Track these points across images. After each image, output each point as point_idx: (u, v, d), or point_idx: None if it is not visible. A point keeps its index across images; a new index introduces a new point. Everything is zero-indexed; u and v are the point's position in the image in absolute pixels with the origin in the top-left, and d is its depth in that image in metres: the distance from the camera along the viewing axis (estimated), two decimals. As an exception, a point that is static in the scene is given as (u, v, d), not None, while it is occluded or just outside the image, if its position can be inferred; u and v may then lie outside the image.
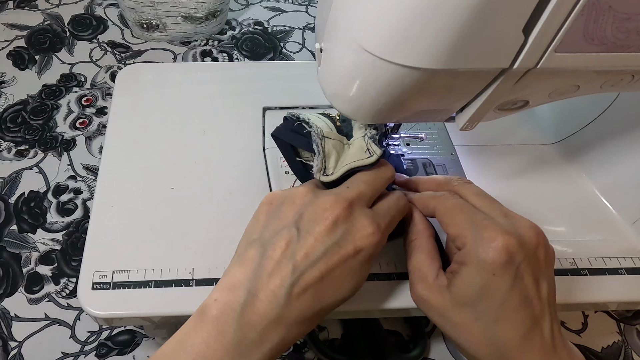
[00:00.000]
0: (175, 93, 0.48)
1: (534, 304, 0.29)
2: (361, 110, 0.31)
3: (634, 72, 0.28)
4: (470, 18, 0.22)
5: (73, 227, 0.52)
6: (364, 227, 0.29)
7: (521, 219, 0.30)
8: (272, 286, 0.27)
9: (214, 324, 0.27)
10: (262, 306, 0.27)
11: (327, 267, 0.28)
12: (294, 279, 0.28)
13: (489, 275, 0.29)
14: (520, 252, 0.29)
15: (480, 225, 0.30)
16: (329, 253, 0.28)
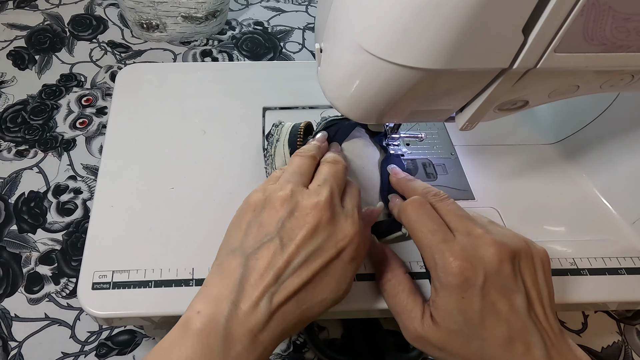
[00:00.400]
0: (175, 93, 0.48)
1: (510, 319, 0.29)
2: (360, 110, 0.31)
3: (633, 72, 0.28)
4: (470, 18, 0.22)
5: (73, 227, 0.52)
6: (344, 228, 0.29)
7: (484, 237, 0.30)
8: (254, 297, 0.27)
9: (198, 338, 0.26)
10: (245, 318, 0.27)
11: (310, 273, 0.28)
12: (275, 288, 0.27)
13: (459, 299, 0.29)
14: (478, 273, 0.29)
15: (437, 250, 0.30)
16: (310, 258, 0.28)
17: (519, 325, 0.29)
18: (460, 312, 0.29)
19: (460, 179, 0.44)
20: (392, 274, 0.34)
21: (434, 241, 0.30)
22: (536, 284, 0.30)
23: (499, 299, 0.29)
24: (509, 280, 0.29)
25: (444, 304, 0.30)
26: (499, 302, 0.29)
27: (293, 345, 0.46)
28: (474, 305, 0.29)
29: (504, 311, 0.29)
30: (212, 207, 0.40)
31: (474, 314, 0.29)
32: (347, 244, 0.29)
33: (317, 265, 0.28)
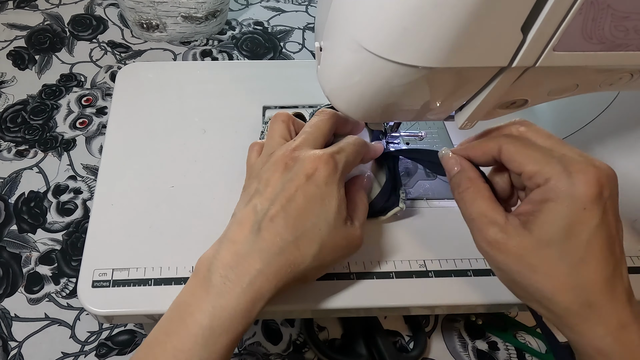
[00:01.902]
0: (175, 92, 0.48)
1: (616, 245, 0.28)
2: (360, 108, 0.31)
3: (632, 71, 0.28)
4: (469, 16, 0.22)
5: (73, 227, 0.52)
6: (310, 156, 0.31)
7: (595, 159, 0.28)
8: (243, 231, 0.30)
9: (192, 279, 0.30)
10: (236, 247, 0.29)
11: (286, 198, 0.30)
12: (260, 217, 0.30)
13: (580, 210, 0.27)
14: (608, 186, 0.27)
15: (566, 159, 0.28)
16: (285, 188, 0.30)
17: (619, 252, 0.28)
18: (570, 225, 0.27)
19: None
20: (471, 182, 0.31)
21: (558, 153, 0.28)
22: None
23: (613, 221, 0.27)
24: (617, 203, 0.28)
25: (556, 213, 0.27)
26: (613, 223, 0.27)
27: (293, 345, 0.46)
28: (593, 220, 0.27)
29: (613, 234, 0.27)
30: (211, 205, 0.40)
31: (587, 230, 0.27)
32: (314, 168, 0.31)
33: (292, 190, 0.30)
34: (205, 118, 0.46)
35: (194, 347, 0.28)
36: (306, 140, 0.33)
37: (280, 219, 0.30)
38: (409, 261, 0.38)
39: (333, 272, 0.37)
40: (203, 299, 0.28)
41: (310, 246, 0.30)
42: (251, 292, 0.28)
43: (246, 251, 0.29)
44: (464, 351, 0.47)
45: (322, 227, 0.30)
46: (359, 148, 0.35)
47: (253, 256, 0.29)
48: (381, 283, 0.37)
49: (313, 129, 0.34)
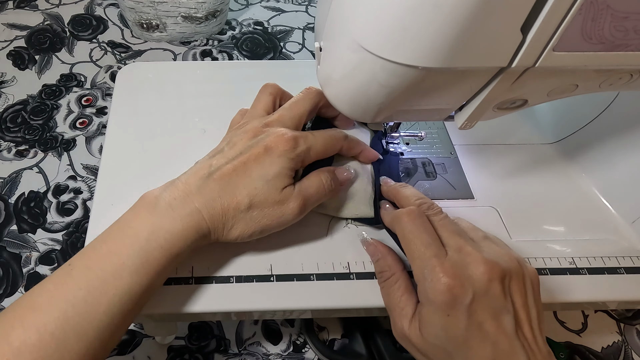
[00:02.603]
0: (175, 92, 0.48)
1: (497, 340, 0.28)
2: (360, 108, 0.31)
3: (632, 71, 0.28)
4: (469, 17, 0.22)
5: (73, 227, 0.52)
6: (275, 132, 0.34)
7: (474, 255, 0.30)
8: (195, 177, 0.33)
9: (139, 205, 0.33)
10: (185, 187, 0.33)
11: (240, 162, 0.33)
12: (212, 169, 0.33)
13: (444, 316, 0.29)
14: (466, 292, 0.28)
15: (427, 265, 0.30)
16: (243, 153, 0.33)
17: (505, 346, 0.28)
18: (443, 330, 0.29)
19: (460, 178, 0.44)
20: (390, 271, 0.34)
21: (426, 255, 0.30)
22: (525, 305, 0.30)
23: (487, 319, 0.28)
24: (497, 300, 0.29)
25: (429, 319, 0.30)
26: (486, 322, 0.28)
27: (293, 345, 0.46)
28: (460, 324, 0.28)
29: (490, 332, 0.28)
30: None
31: (459, 333, 0.29)
32: (274, 143, 0.33)
33: (247, 156, 0.33)
34: (205, 118, 0.46)
35: (128, 252, 0.30)
36: (281, 117, 0.36)
37: (228, 177, 0.33)
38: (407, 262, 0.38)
39: (333, 272, 0.37)
40: (145, 217, 0.31)
41: (241, 200, 0.32)
42: (190, 222, 0.31)
43: (192, 192, 0.32)
44: (463, 351, 0.47)
45: (257, 186, 0.33)
46: (332, 140, 0.36)
47: (197, 197, 0.32)
48: (381, 283, 0.37)
49: (292, 106, 0.37)
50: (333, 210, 0.39)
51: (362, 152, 0.39)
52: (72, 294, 0.28)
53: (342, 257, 0.37)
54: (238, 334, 0.46)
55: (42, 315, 0.27)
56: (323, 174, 0.36)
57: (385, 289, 0.34)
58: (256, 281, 0.36)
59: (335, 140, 0.36)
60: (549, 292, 0.37)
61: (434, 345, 0.29)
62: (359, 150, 0.39)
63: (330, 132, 0.37)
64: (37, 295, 0.29)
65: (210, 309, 0.35)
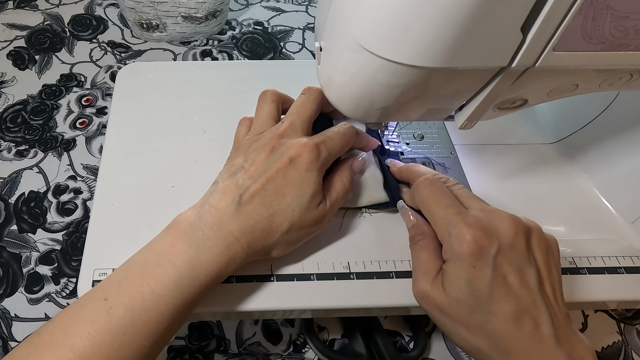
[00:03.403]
0: (175, 92, 0.48)
1: (520, 294, 0.29)
2: (360, 108, 0.31)
3: (632, 71, 0.28)
4: (469, 16, 0.22)
5: (73, 227, 0.52)
6: (295, 142, 0.33)
7: (499, 212, 0.31)
8: (226, 200, 0.32)
9: (171, 231, 0.32)
10: (218, 213, 0.32)
11: (267, 179, 0.32)
12: (241, 191, 0.32)
13: (470, 268, 0.29)
14: (492, 243, 0.29)
15: (451, 221, 0.31)
16: (268, 169, 0.33)
17: (529, 300, 0.29)
18: (468, 282, 0.29)
19: (460, 178, 0.44)
20: (423, 236, 0.35)
21: (449, 213, 0.31)
22: (547, 264, 0.30)
23: (510, 272, 0.29)
24: (522, 254, 0.29)
25: (454, 272, 0.30)
26: (511, 274, 0.29)
27: (293, 345, 0.46)
28: (485, 276, 0.29)
29: (514, 285, 0.29)
30: (211, 206, 0.40)
31: (483, 285, 0.29)
32: (298, 154, 0.33)
33: (273, 172, 0.32)
34: (205, 118, 0.46)
35: (170, 292, 0.29)
36: (293, 124, 0.35)
37: (260, 197, 0.32)
38: (409, 261, 0.38)
39: (333, 272, 0.37)
40: (184, 250, 0.30)
41: (281, 223, 0.32)
42: (227, 254, 0.31)
43: (227, 218, 0.31)
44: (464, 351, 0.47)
45: (295, 208, 0.32)
46: (347, 138, 0.36)
47: (232, 224, 0.31)
48: (381, 283, 0.37)
49: (300, 110, 0.36)
50: (349, 202, 0.40)
51: (368, 143, 0.39)
52: (116, 340, 0.27)
53: (342, 257, 0.38)
54: (238, 334, 0.46)
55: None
56: (343, 175, 0.37)
57: (415, 251, 0.35)
58: (256, 281, 0.36)
59: (350, 138, 0.37)
60: (549, 292, 0.37)
61: (457, 299, 0.30)
62: (366, 142, 0.39)
63: (343, 130, 0.37)
64: (74, 335, 0.27)
65: (210, 309, 0.35)
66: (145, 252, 0.31)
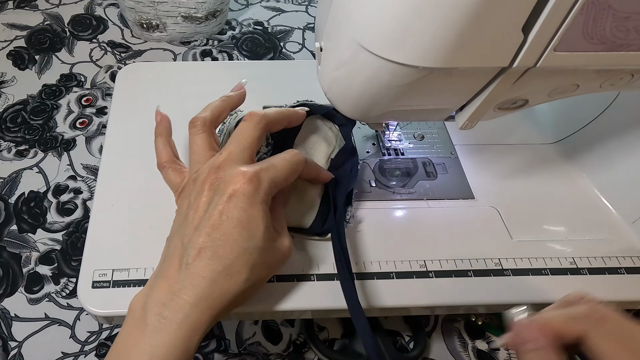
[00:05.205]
0: (175, 92, 0.48)
1: None
2: (360, 108, 0.31)
3: (633, 71, 0.28)
4: (470, 17, 0.22)
5: (73, 227, 0.52)
6: (233, 175, 0.30)
7: None
8: (173, 266, 0.29)
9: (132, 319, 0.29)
10: (168, 284, 0.29)
11: (211, 226, 0.29)
12: (187, 250, 0.29)
13: None
14: None
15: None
16: (210, 215, 0.29)
17: None
18: None
19: (460, 179, 0.44)
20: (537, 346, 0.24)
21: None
22: None
23: None
24: None
25: None
26: None
27: (293, 345, 0.46)
28: None
29: None
30: (212, 206, 0.40)
31: None
32: (238, 188, 0.29)
33: (216, 215, 0.29)
34: (206, 118, 0.46)
35: None
36: (231, 155, 0.32)
37: (208, 250, 0.29)
38: (409, 261, 0.38)
39: (333, 272, 0.37)
40: (139, 339, 0.28)
41: (242, 272, 0.29)
42: (186, 326, 0.28)
43: (178, 288, 0.28)
44: (464, 351, 0.46)
45: (252, 251, 0.29)
46: (293, 165, 0.33)
47: (185, 291, 0.28)
48: (381, 283, 0.37)
49: (239, 138, 0.33)
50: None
51: (319, 175, 0.37)
52: None
53: (342, 257, 0.37)
54: (238, 334, 0.46)
55: None
56: (280, 206, 0.34)
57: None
58: (256, 281, 0.36)
59: (297, 165, 0.33)
60: (549, 292, 0.37)
61: None
62: (316, 174, 0.37)
63: (289, 157, 0.33)
64: None
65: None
66: (110, 352, 0.29)
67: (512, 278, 0.37)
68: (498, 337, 0.41)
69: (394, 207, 0.41)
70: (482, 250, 0.39)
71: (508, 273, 0.37)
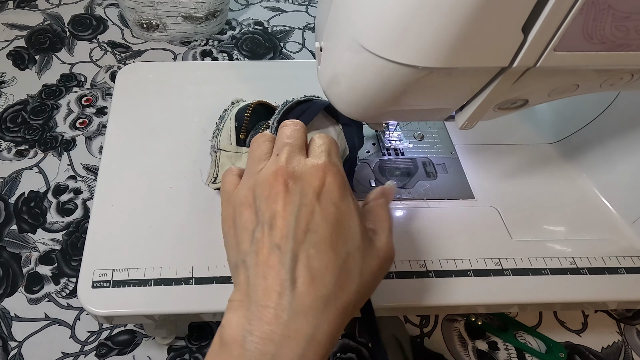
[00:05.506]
0: (175, 92, 0.48)
1: None
2: (360, 108, 0.31)
3: (633, 71, 0.28)
4: (469, 16, 0.22)
5: (73, 227, 0.52)
6: (310, 168, 0.26)
7: None
8: (274, 288, 0.24)
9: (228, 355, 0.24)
10: (272, 314, 0.23)
11: (303, 231, 0.25)
12: (288, 265, 0.24)
13: None
14: None
15: None
16: (299, 218, 0.25)
17: None
18: None
19: (460, 178, 0.44)
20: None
21: None
22: None
23: None
24: None
25: None
26: None
27: (293, 344, 0.46)
28: None
29: None
30: (211, 205, 0.40)
31: None
32: (321, 183, 0.26)
33: (306, 221, 0.25)
34: (205, 118, 0.46)
35: None
36: (293, 151, 0.28)
37: (313, 260, 0.24)
38: (409, 261, 0.38)
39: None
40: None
41: (352, 282, 0.25)
42: (312, 344, 0.23)
43: (285, 319, 0.23)
44: (464, 351, 0.47)
45: (355, 254, 0.25)
46: (336, 143, 0.30)
47: (297, 320, 0.23)
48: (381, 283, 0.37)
49: (294, 136, 0.29)
50: None
51: None
52: None
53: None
54: (238, 334, 0.46)
55: None
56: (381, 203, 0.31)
57: None
58: (256, 281, 0.36)
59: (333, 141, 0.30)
60: (549, 292, 0.37)
61: None
62: None
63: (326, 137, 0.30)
64: None
65: (210, 309, 0.35)
66: None
67: (512, 278, 0.37)
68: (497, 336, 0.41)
69: (394, 207, 0.41)
70: (482, 250, 0.39)
71: (508, 273, 0.37)
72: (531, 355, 0.47)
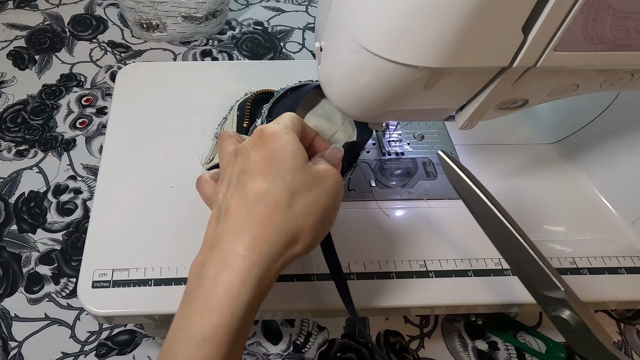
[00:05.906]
0: (175, 92, 0.48)
1: None
2: (360, 108, 0.31)
3: (633, 71, 0.28)
4: (469, 16, 0.22)
5: (73, 227, 0.52)
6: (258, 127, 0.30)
7: None
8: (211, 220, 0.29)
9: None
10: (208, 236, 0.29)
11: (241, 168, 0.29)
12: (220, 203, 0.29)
13: None
14: None
15: None
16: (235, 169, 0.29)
17: None
18: None
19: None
20: None
21: None
22: None
23: None
24: None
25: None
26: None
27: (293, 345, 0.46)
28: None
29: None
30: (212, 206, 0.40)
31: None
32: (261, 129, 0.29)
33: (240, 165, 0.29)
34: (205, 118, 0.46)
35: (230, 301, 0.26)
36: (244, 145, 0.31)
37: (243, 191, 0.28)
38: (409, 261, 0.38)
39: (333, 272, 0.37)
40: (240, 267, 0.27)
41: (281, 197, 0.28)
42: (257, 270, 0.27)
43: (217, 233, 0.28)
44: (464, 351, 0.47)
45: (285, 175, 0.28)
46: (294, 118, 0.31)
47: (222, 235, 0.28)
48: (381, 283, 0.37)
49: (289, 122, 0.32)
50: None
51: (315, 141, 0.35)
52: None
53: (342, 258, 0.37)
54: (238, 334, 0.46)
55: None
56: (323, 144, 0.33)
57: None
58: (256, 281, 0.36)
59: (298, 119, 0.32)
60: (549, 292, 0.37)
61: None
62: (311, 138, 0.35)
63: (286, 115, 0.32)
64: None
65: (211, 309, 0.35)
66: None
67: (512, 278, 0.37)
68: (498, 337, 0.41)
69: (394, 207, 0.41)
70: (482, 250, 0.39)
71: (508, 273, 0.37)
72: (531, 355, 0.47)
